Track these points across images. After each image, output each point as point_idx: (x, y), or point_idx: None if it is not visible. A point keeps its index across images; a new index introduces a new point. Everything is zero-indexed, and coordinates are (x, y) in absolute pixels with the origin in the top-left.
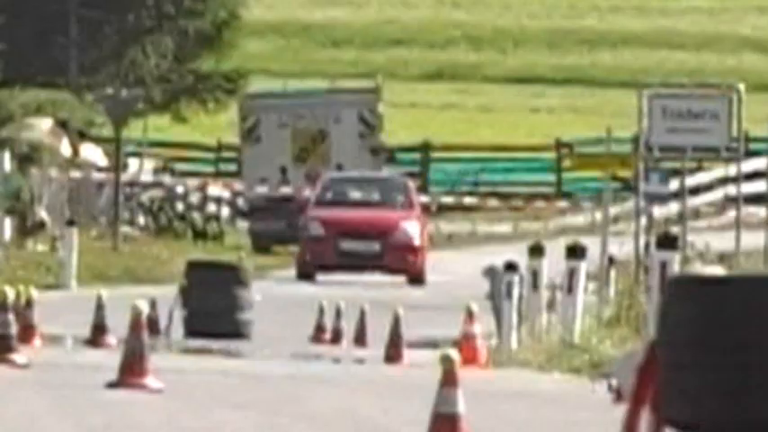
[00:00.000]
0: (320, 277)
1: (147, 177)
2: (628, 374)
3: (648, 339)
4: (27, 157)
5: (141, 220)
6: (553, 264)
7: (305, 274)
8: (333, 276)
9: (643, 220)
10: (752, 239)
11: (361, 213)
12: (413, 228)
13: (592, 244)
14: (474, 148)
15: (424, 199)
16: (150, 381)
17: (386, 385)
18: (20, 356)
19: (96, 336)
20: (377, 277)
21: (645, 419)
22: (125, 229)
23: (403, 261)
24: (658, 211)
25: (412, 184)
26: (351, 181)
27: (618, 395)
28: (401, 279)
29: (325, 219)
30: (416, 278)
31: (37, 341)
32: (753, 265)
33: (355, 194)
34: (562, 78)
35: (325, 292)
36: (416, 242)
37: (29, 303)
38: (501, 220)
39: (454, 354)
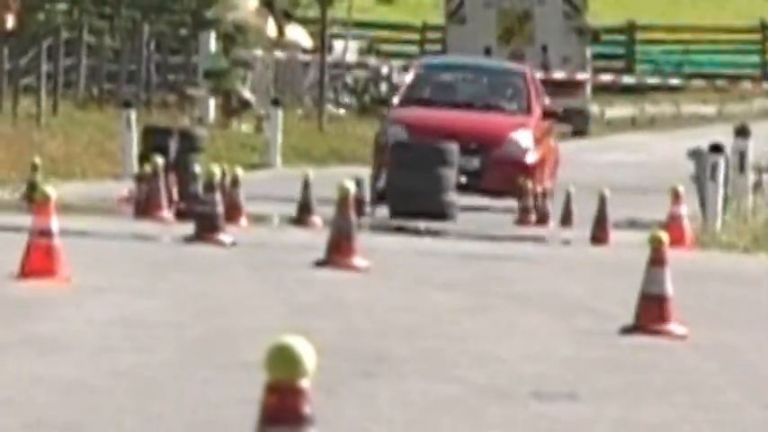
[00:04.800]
0: None
1: (351, 58)
2: None
3: None
4: (232, 38)
5: (347, 100)
6: (759, 145)
7: (380, 194)
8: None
9: None
10: None
11: (460, 116)
12: (525, 139)
13: None
14: (678, 29)
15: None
16: (357, 260)
17: (592, 266)
18: (226, 236)
19: (302, 215)
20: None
21: None
22: (330, 109)
23: (509, 183)
24: None
25: (536, 79)
26: (452, 70)
27: None
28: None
29: (412, 122)
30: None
31: (243, 220)
32: None
33: (456, 91)
34: None
35: None
36: (529, 158)
37: (235, 183)
38: (706, 102)
39: (663, 234)
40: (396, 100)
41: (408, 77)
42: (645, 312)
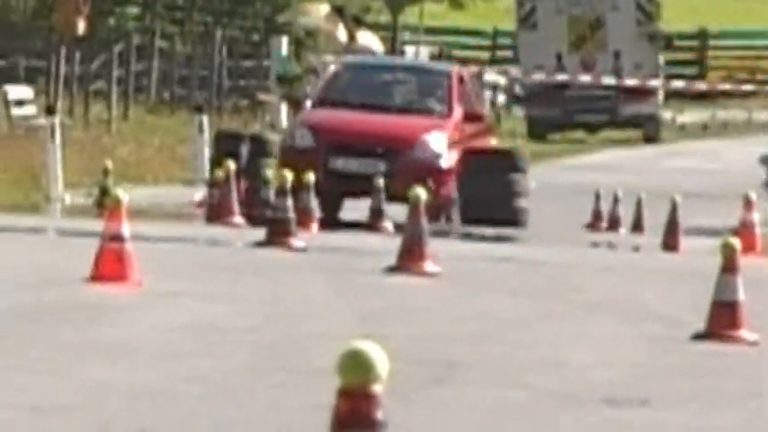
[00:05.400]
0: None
1: None
2: None
3: None
4: (303, 43)
5: None
6: None
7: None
8: (602, 163)
9: None
10: None
11: (368, 119)
12: (438, 142)
13: None
14: (750, 35)
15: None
16: (428, 266)
17: (663, 272)
18: (298, 240)
19: (374, 220)
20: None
21: None
22: None
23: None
24: None
25: (463, 76)
26: (372, 70)
27: None
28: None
29: (317, 125)
30: (436, 213)
31: (314, 225)
32: None
33: (373, 92)
34: None
35: (603, 179)
36: (441, 163)
37: (307, 187)
38: None
39: (735, 242)
40: (309, 102)
41: (325, 77)
42: (716, 319)
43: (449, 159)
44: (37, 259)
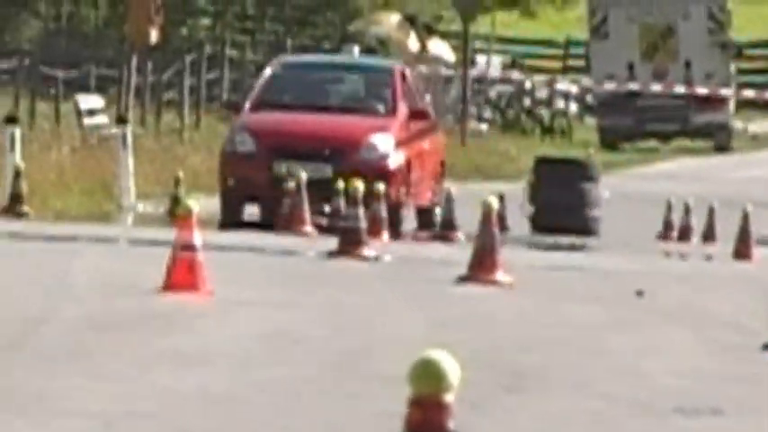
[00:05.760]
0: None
1: (495, 73)
2: None
3: None
4: (374, 52)
5: (489, 115)
6: None
7: (229, 209)
8: (674, 173)
9: None
10: None
11: (311, 120)
12: (385, 143)
13: None
14: None
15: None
16: (500, 275)
17: (735, 282)
18: (369, 250)
19: (445, 230)
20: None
21: None
22: (473, 124)
23: (365, 192)
24: None
25: (405, 75)
26: (311, 69)
27: None
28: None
29: (258, 129)
30: (392, 216)
31: (385, 235)
32: None
33: (313, 92)
34: None
35: (674, 189)
36: (389, 164)
37: (377, 197)
38: None
39: None
40: (247, 104)
41: (262, 78)
42: None
43: (397, 160)
44: (109, 268)
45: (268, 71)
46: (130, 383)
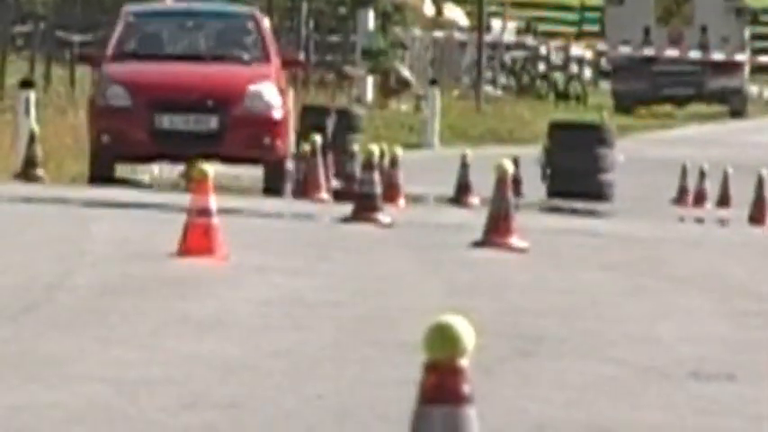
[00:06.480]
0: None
1: (509, 38)
2: None
3: None
4: (390, 17)
5: (503, 80)
6: None
7: (102, 166)
8: (689, 138)
9: None
10: None
11: (188, 70)
12: (269, 92)
13: None
14: None
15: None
16: (515, 240)
17: (750, 247)
18: (384, 215)
19: (460, 195)
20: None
21: None
22: (487, 89)
23: (254, 144)
24: None
25: (266, 22)
26: (166, 17)
27: None
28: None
29: (131, 80)
30: (276, 170)
31: (401, 200)
32: None
33: (176, 41)
34: None
35: (689, 153)
36: (275, 114)
37: (393, 162)
38: None
39: None
40: (108, 53)
41: (118, 27)
42: None
43: (281, 109)
44: (124, 233)
45: (120, 23)
46: (145, 349)
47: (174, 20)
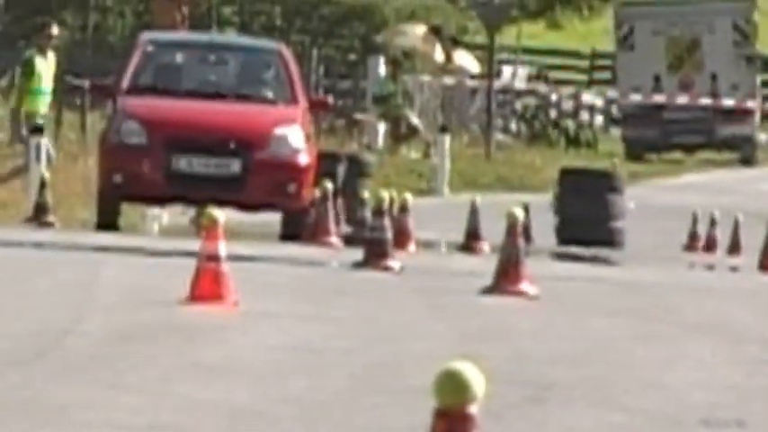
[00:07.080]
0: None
1: (520, 85)
2: None
3: None
4: (400, 63)
5: (514, 127)
6: None
7: (109, 208)
8: (699, 185)
9: None
10: None
11: (210, 108)
12: (296, 136)
13: None
14: None
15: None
16: (526, 286)
17: (761, 294)
18: (394, 261)
19: (470, 241)
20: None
21: None
22: (498, 136)
23: (277, 192)
24: None
25: (292, 59)
26: (186, 49)
27: None
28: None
29: (148, 117)
30: (297, 218)
31: (411, 246)
32: None
33: (197, 75)
34: None
35: (699, 201)
36: (301, 160)
37: (403, 209)
38: None
39: None
40: (123, 85)
41: (134, 58)
42: None
43: (307, 155)
44: (134, 279)
45: (136, 53)
46: (154, 395)
47: (195, 52)
